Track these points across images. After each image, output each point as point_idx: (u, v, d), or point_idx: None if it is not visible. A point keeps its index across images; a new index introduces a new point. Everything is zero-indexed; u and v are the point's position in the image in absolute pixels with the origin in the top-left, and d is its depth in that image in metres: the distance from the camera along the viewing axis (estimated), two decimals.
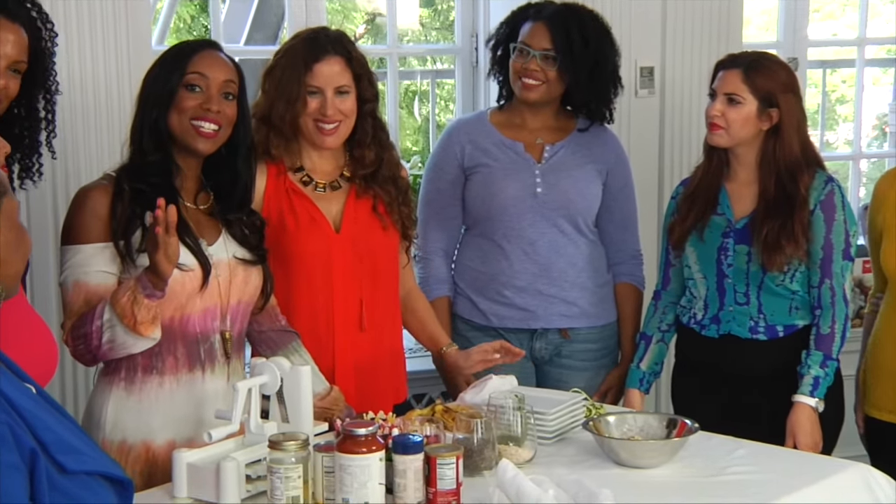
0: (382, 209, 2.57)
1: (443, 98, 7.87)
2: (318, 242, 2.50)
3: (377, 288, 2.56)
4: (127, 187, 2.17)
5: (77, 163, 2.95)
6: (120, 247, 2.15)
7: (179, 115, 2.20)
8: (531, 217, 2.86)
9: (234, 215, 2.29)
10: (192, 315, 2.19)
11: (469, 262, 2.93)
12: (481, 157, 2.90)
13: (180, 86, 2.20)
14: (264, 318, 2.40)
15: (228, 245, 2.27)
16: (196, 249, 2.18)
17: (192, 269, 2.15)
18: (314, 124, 2.49)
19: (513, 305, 2.89)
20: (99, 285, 2.15)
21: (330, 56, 2.49)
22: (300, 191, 2.52)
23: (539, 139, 2.92)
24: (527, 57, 2.84)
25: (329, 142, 2.51)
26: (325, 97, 2.48)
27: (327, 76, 2.48)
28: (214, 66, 2.23)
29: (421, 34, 7.93)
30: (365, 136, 2.55)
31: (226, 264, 2.24)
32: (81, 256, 2.16)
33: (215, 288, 2.21)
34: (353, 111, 2.51)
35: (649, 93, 3.64)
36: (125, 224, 2.15)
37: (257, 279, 2.30)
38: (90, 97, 2.95)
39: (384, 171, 2.57)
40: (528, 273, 2.87)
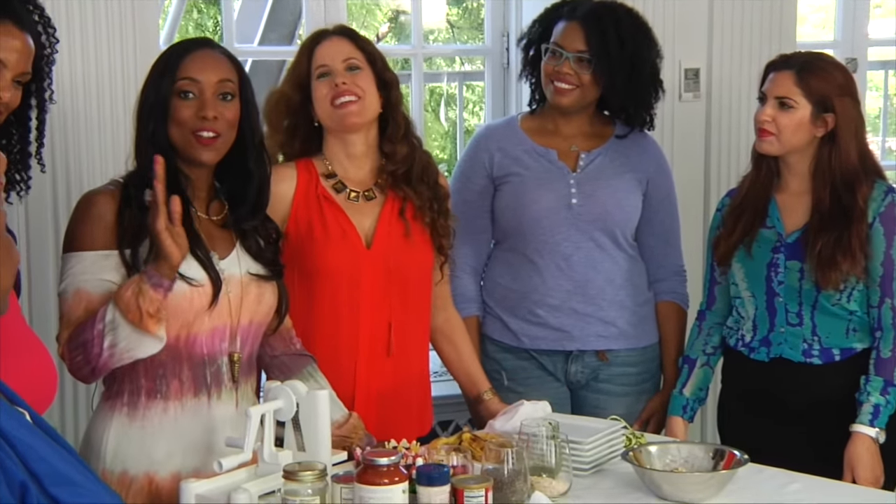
0: (410, 214, 2.58)
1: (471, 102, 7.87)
2: (346, 258, 2.50)
3: (407, 310, 2.56)
4: (135, 194, 2.19)
5: (79, 170, 2.97)
6: (126, 256, 2.15)
7: (179, 127, 2.21)
8: (566, 230, 2.86)
9: (250, 223, 2.29)
10: (200, 335, 2.19)
11: (499, 278, 2.93)
12: (512, 166, 2.90)
13: (172, 95, 2.20)
14: (277, 342, 2.40)
15: (242, 260, 2.27)
16: (207, 263, 2.18)
17: (201, 283, 2.16)
18: (330, 106, 2.51)
19: (546, 325, 2.88)
20: (102, 295, 2.14)
21: (332, 36, 2.55)
22: (332, 199, 2.54)
23: (574, 146, 2.92)
24: (559, 59, 2.84)
25: (349, 116, 2.51)
26: (335, 73, 2.50)
27: (333, 51, 2.52)
28: (206, 67, 2.23)
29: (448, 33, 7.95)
30: (397, 129, 2.57)
31: (238, 280, 2.24)
32: (84, 264, 2.16)
33: (225, 306, 2.21)
34: (370, 89, 2.52)
35: (694, 96, 3.63)
36: (133, 232, 2.16)
37: (271, 298, 2.30)
38: (93, 100, 2.98)
39: (417, 171, 2.58)
40: (563, 290, 2.87)
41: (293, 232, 2.52)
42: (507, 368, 2.92)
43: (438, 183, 2.64)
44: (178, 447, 2.18)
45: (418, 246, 2.58)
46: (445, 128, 7.88)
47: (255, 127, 2.30)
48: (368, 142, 2.58)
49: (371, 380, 2.53)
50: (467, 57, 6.55)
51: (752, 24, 3.62)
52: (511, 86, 3.70)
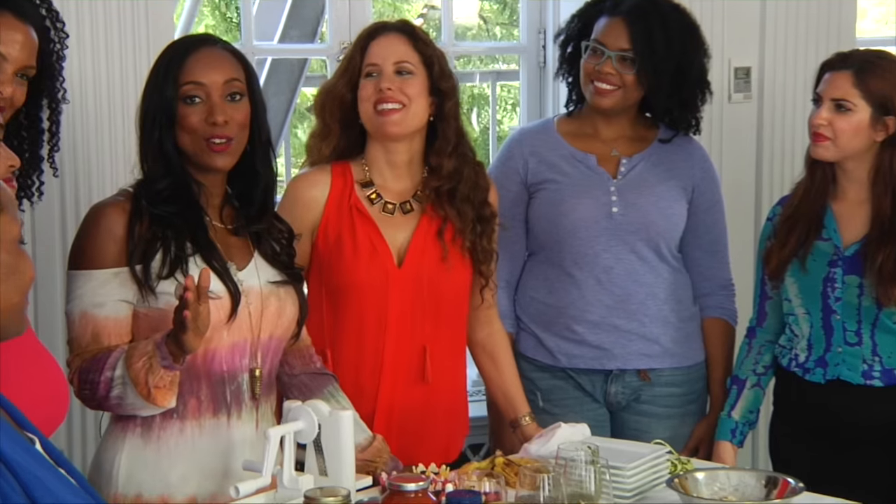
0: (449, 236, 2.57)
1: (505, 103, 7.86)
2: (374, 275, 2.51)
3: (439, 333, 2.57)
4: (146, 204, 2.20)
5: (88, 177, 2.99)
6: (137, 272, 2.17)
7: (190, 135, 2.21)
8: (605, 241, 2.85)
9: (257, 226, 2.30)
10: (219, 350, 2.20)
11: (534, 292, 2.93)
12: (548, 172, 2.90)
13: (177, 100, 2.21)
14: (296, 360, 2.41)
15: (261, 269, 2.28)
16: (224, 274, 2.20)
17: (219, 296, 2.17)
18: (373, 110, 2.52)
19: (584, 343, 2.88)
20: (108, 318, 2.17)
21: (389, 32, 2.54)
22: (365, 211, 2.54)
23: (614, 151, 2.92)
24: (601, 58, 2.84)
25: (391, 126, 2.51)
26: (383, 74, 2.50)
27: (385, 51, 2.52)
28: (210, 68, 2.23)
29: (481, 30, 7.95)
30: (446, 142, 2.56)
31: (257, 292, 2.25)
32: (92, 284, 2.18)
33: (245, 319, 2.22)
34: (418, 97, 2.51)
35: (745, 97, 3.62)
36: (144, 247, 2.17)
37: (292, 310, 2.31)
38: (104, 103, 2.99)
39: (462, 188, 2.57)
40: (602, 305, 2.86)
41: (322, 243, 2.53)
42: (543, 388, 2.92)
43: (487, 202, 2.63)
44: (194, 470, 2.19)
45: (455, 268, 2.58)
46: (477, 131, 7.88)
47: (263, 125, 2.31)
48: (413, 151, 2.59)
49: (394, 403, 2.54)
50: (501, 55, 6.55)
51: (808, 19, 3.61)
52: (547, 86, 3.70)
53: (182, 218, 2.19)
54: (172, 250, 2.18)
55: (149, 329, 2.16)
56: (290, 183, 2.65)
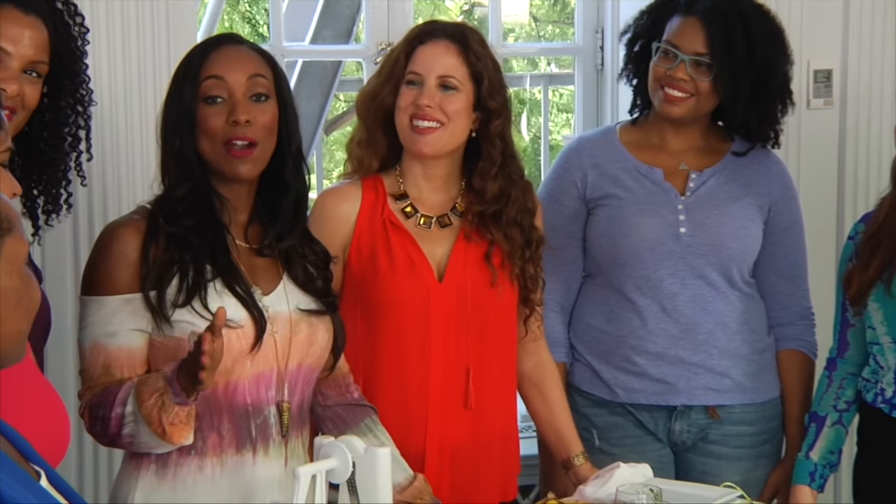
0: (498, 261, 2.58)
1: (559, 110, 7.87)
2: (414, 291, 2.52)
3: (486, 354, 2.57)
4: (163, 221, 2.21)
5: (103, 193, 3.01)
6: (151, 299, 2.17)
7: (210, 139, 2.21)
8: (671, 264, 2.84)
9: (286, 242, 2.30)
10: (242, 382, 2.21)
11: (590, 319, 2.93)
12: (608, 187, 2.90)
13: (197, 101, 2.21)
14: (331, 389, 2.41)
15: (290, 294, 2.28)
16: (248, 300, 2.20)
17: (240, 325, 2.17)
18: (409, 123, 2.52)
19: (646, 376, 2.87)
20: (121, 349, 2.17)
21: (439, 38, 2.54)
22: (400, 224, 2.56)
23: (683, 164, 2.91)
24: (673, 61, 2.83)
25: (424, 146, 2.53)
26: (426, 86, 2.51)
27: (432, 61, 2.52)
28: (233, 63, 2.23)
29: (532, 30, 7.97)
30: (491, 163, 2.56)
31: (286, 318, 2.26)
32: (104, 311, 2.19)
33: (271, 348, 2.22)
34: (459, 116, 2.52)
35: (825, 103, 3.60)
36: (159, 272, 2.17)
37: (325, 337, 2.31)
38: (120, 112, 3.01)
39: (509, 211, 2.58)
40: (666, 335, 2.85)
41: (355, 260, 2.54)
42: (599, 426, 2.92)
43: (534, 226, 2.64)
44: None
45: (505, 293, 2.59)
46: (527, 140, 7.89)
47: (293, 132, 2.30)
48: (452, 164, 2.60)
49: (445, 434, 2.54)
50: (554, 57, 6.56)
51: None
52: (606, 91, 3.70)
53: (201, 237, 2.19)
54: (190, 275, 2.18)
55: (164, 359, 2.17)
56: (317, 199, 2.66)
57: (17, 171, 2.26)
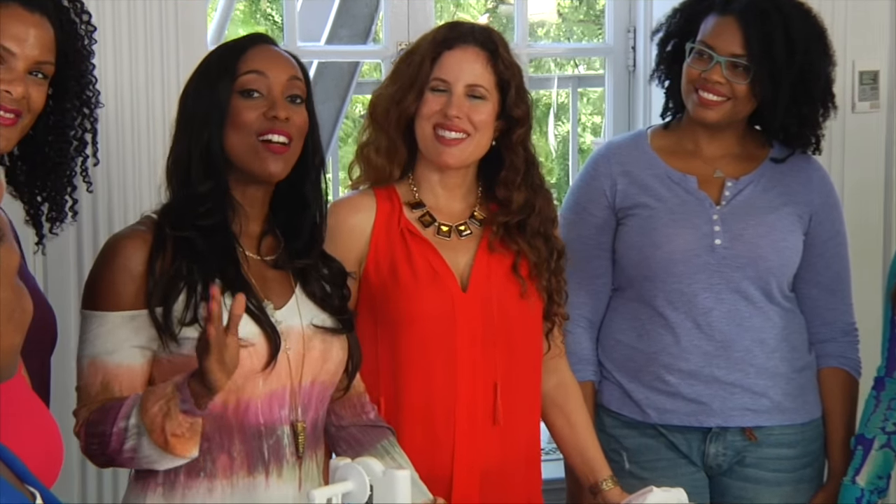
0: (526, 272, 2.59)
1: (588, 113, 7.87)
2: (439, 302, 2.52)
3: (513, 367, 2.57)
4: (170, 234, 2.21)
5: (109, 198, 3.01)
6: (157, 315, 2.17)
7: (240, 132, 2.22)
8: (706, 277, 2.84)
9: (302, 261, 2.30)
10: (254, 401, 2.21)
11: (620, 335, 2.93)
12: (639, 195, 2.90)
13: (233, 93, 2.23)
14: (346, 409, 2.42)
15: (303, 308, 2.29)
16: (260, 317, 2.20)
17: (252, 342, 2.17)
18: (432, 132, 2.53)
19: (679, 395, 2.86)
20: (120, 366, 2.18)
21: (468, 44, 2.54)
22: (419, 233, 2.56)
23: (718, 172, 2.91)
24: (708, 63, 2.82)
25: (449, 157, 2.53)
26: (453, 94, 2.51)
27: (460, 69, 2.52)
28: (274, 61, 2.26)
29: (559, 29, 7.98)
30: (515, 173, 2.58)
31: (298, 334, 2.26)
32: (105, 328, 2.19)
33: (284, 365, 2.23)
34: (485, 126, 2.53)
35: (871, 106, 3.59)
36: (165, 286, 2.17)
37: (339, 354, 2.32)
38: (126, 116, 3.02)
39: (534, 222, 2.59)
40: (701, 352, 2.85)
41: (373, 273, 2.54)
42: (629, 448, 2.91)
43: (556, 236, 2.65)
44: None
45: (534, 305, 2.59)
46: (555, 145, 7.89)
47: (318, 144, 2.33)
48: (470, 174, 2.60)
49: (475, 454, 2.54)
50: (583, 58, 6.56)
51: None
52: (637, 93, 3.70)
53: (210, 245, 2.20)
54: (198, 291, 2.18)
55: (171, 376, 2.16)
56: (329, 210, 2.64)
57: (21, 177, 2.28)
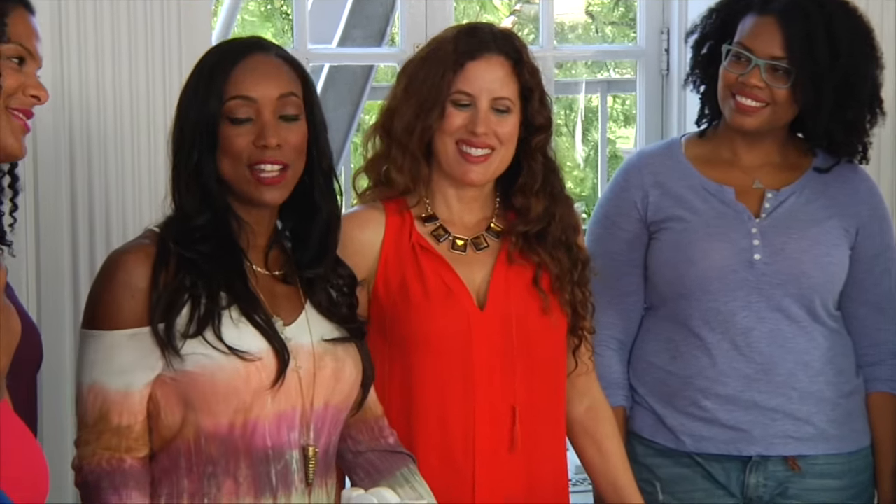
0: (547, 285, 2.58)
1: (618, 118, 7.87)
2: (454, 322, 2.51)
3: (534, 390, 2.56)
4: (174, 248, 2.21)
5: (107, 212, 3.01)
6: (159, 332, 2.17)
7: (233, 161, 2.22)
8: (745, 295, 2.83)
9: (314, 270, 2.30)
10: (261, 421, 2.20)
11: (653, 357, 2.92)
12: (673, 208, 2.89)
13: (221, 118, 2.22)
14: (362, 434, 2.40)
15: (314, 323, 2.29)
16: (268, 331, 2.20)
17: (259, 357, 2.17)
18: (456, 149, 2.53)
19: (716, 422, 2.86)
20: (119, 392, 2.17)
21: (492, 54, 2.53)
22: (431, 248, 2.56)
23: (757, 182, 2.90)
24: (746, 66, 2.82)
25: (474, 175, 2.53)
26: (478, 109, 2.51)
27: (485, 81, 2.51)
28: (262, 79, 2.23)
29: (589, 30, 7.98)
30: (533, 180, 2.57)
31: (309, 351, 2.25)
32: (106, 348, 2.18)
33: (294, 384, 2.22)
34: (511, 139, 2.53)
35: None
36: (168, 301, 2.17)
37: (353, 372, 2.31)
38: (126, 123, 3.01)
39: (555, 231, 2.58)
40: (739, 376, 2.84)
41: (383, 291, 2.54)
42: (663, 478, 2.91)
43: (579, 245, 2.64)
44: None
45: (548, 313, 2.58)
46: (584, 154, 7.89)
47: (324, 148, 2.31)
48: (487, 185, 2.60)
49: (496, 484, 2.53)
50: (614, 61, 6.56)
51: None
52: (671, 98, 3.70)
53: (216, 263, 2.20)
54: (203, 303, 2.18)
55: (177, 396, 2.17)
56: None
57: None
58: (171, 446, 2.20)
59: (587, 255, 2.65)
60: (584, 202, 6.49)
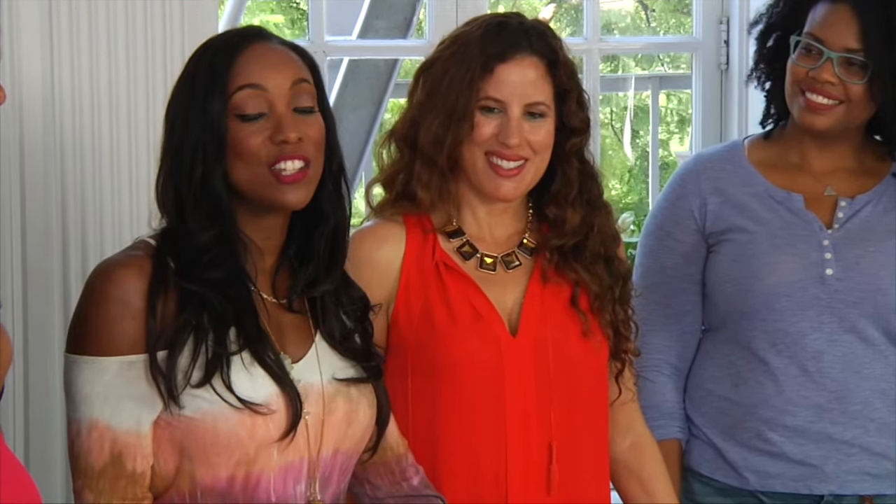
0: (587, 304, 2.58)
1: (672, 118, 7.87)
2: (483, 349, 2.51)
3: (574, 423, 2.56)
4: (172, 264, 2.16)
5: (100, 222, 3.03)
6: (158, 362, 2.11)
7: (246, 162, 2.17)
8: (815, 314, 2.83)
9: (321, 287, 2.27)
10: (266, 475, 2.18)
11: (712, 384, 2.93)
12: (735, 217, 2.90)
13: (229, 117, 2.17)
14: (382, 478, 2.40)
15: (324, 359, 2.26)
16: (280, 375, 2.16)
17: (272, 410, 2.13)
18: (486, 161, 2.52)
19: (783, 457, 2.86)
20: (130, 433, 2.13)
21: (524, 55, 2.52)
22: (457, 267, 2.55)
23: (830, 189, 2.91)
24: (817, 60, 2.82)
25: (507, 190, 2.53)
26: (509, 118, 2.51)
27: (516, 86, 2.51)
28: (271, 66, 2.20)
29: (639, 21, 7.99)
30: (568, 187, 2.57)
31: (318, 393, 2.22)
32: (104, 379, 2.14)
33: (301, 432, 2.18)
34: (546, 147, 2.53)
35: None
36: (170, 337, 2.12)
37: (367, 415, 2.29)
38: (123, 127, 3.05)
39: (593, 244, 2.58)
40: (810, 405, 2.84)
41: (404, 316, 2.53)
42: None
43: (619, 257, 2.64)
44: None
45: (588, 336, 2.58)
46: (632, 158, 7.90)
47: (335, 147, 2.28)
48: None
49: None
50: (667, 54, 6.58)
51: None
52: (732, 96, 3.71)
53: (225, 295, 2.15)
54: (209, 346, 2.13)
55: (171, 442, 2.14)
56: (350, 241, 2.62)
57: None
58: (164, 498, 2.16)
59: (628, 268, 2.66)
60: (632, 212, 6.48)
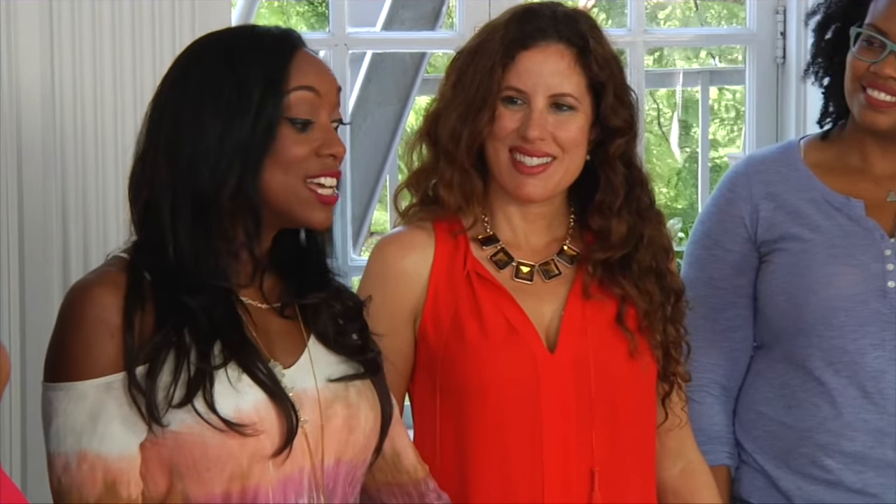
0: (634, 322, 2.58)
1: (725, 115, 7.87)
2: (518, 367, 2.51)
3: (618, 448, 2.56)
4: (149, 277, 2.16)
5: (104, 228, 3.05)
6: (137, 378, 2.11)
7: (285, 171, 2.16)
8: (877, 331, 2.84)
9: (314, 295, 2.27)
10: (263, 487, 2.18)
11: (763, 406, 2.93)
12: (789, 224, 2.91)
13: (281, 120, 2.16)
14: (396, 497, 2.40)
15: (318, 361, 2.26)
16: (271, 386, 2.16)
17: (262, 428, 2.14)
18: (509, 157, 2.53)
19: (841, 485, 2.86)
20: (122, 458, 2.13)
21: (550, 41, 2.52)
22: (490, 277, 2.55)
23: (893, 194, 2.92)
24: (880, 53, 2.82)
25: (530, 188, 2.53)
26: (532, 109, 2.51)
27: (540, 75, 2.50)
28: (323, 72, 2.22)
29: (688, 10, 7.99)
30: (613, 196, 2.56)
31: (314, 400, 2.23)
32: (86, 405, 2.14)
33: (300, 441, 2.19)
34: (577, 144, 2.52)
35: None
36: (149, 354, 2.12)
37: (370, 418, 2.29)
38: (129, 129, 3.04)
39: (643, 256, 2.57)
40: (869, 429, 2.84)
41: (432, 330, 2.54)
42: None
43: (671, 271, 2.63)
44: None
45: (635, 357, 2.57)
46: (680, 160, 7.89)
47: None
48: (559, 198, 2.60)
49: None
50: (718, 47, 6.57)
51: None
52: (788, 92, 3.72)
53: (208, 308, 2.15)
54: (192, 362, 2.13)
55: (159, 462, 2.15)
56: (374, 251, 2.62)
57: None
58: None
59: (681, 284, 2.64)
60: (680, 218, 6.48)
